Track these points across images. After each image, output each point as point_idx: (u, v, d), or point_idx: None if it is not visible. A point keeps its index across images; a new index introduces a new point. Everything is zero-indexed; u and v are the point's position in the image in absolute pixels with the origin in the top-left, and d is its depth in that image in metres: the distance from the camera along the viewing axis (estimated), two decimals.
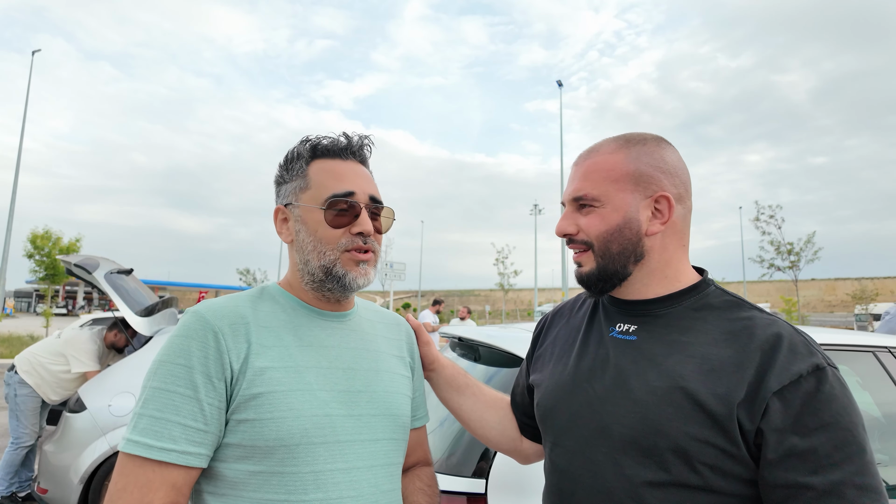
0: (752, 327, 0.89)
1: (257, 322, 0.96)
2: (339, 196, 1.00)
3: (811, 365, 0.82)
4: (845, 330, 2.33)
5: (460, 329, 2.53)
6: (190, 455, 0.86)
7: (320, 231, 1.00)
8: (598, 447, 0.93)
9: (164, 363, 0.89)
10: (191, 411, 0.87)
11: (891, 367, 1.98)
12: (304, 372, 0.95)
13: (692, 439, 0.84)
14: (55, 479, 3.74)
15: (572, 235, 1.01)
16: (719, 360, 0.87)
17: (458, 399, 1.25)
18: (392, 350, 1.14)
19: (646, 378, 0.91)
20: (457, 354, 2.33)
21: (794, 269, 27.19)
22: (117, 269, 4.33)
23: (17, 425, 4.21)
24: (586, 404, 0.97)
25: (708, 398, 0.84)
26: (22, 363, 4.27)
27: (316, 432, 0.92)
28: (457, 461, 1.64)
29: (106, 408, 3.78)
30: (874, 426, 2.07)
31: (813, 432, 0.79)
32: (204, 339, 0.90)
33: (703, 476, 0.84)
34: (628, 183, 0.97)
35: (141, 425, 0.86)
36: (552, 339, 1.17)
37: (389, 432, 1.03)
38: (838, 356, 2.04)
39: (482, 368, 2.06)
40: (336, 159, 1.05)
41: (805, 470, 0.79)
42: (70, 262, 4.19)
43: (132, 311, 4.06)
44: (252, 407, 0.89)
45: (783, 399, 0.81)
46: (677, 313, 0.96)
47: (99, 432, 3.71)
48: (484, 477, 1.57)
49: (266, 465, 0.89)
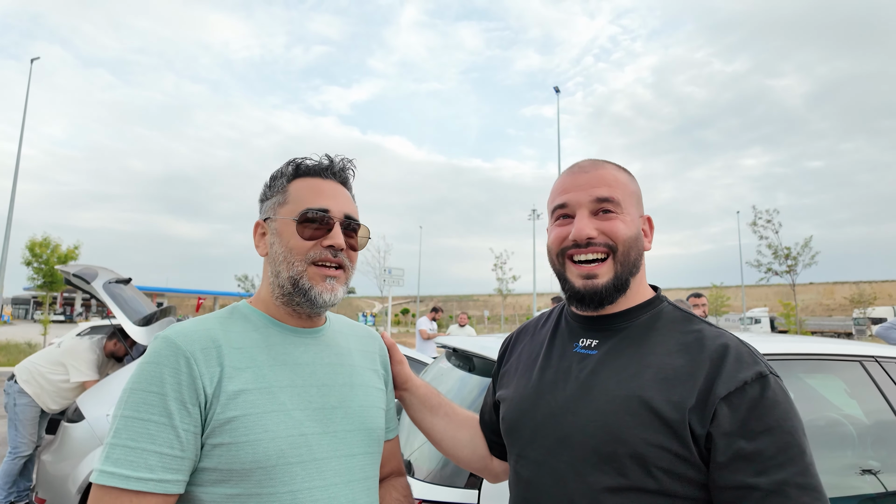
0: (702, 339, 0.95)
1: (229, 344, 0.96)
2: (313, 209, 1.02)
3: (755, 373, 0.88)
4: (832, 339, 2.36)
5: (455, 339, 2.55)
6: (168, 483, 0.86)
7: (292, 241, 1.02)
8: (561, 456, 0.96)
9: (136, 391, 0.88)
10: (167, 439, 0.86)
11: (877, 375, 2.01)
12: (277, 392, 0.95)
13: (649, 445, 0.88)
14: (53, 488, 3.74)
15: (593, 238, 1.01)
16: (673, 370, 0.92)
17: (430, 419, 1.26)
18: (366, 363, 1.16)
19: (606, 388, 0.95)
20: (452, 365, 2.36)
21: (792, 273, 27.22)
22: (115, 278, 4.35)
23: (15, 435, 4.22)
24: (549, 416, 1.00)
25: (663, 405, 0.89)
26: (21, 372, 4.28)
27: (292, 452, 0.92)
28: (450, 472, 1.66)
29: (104, 417, 3.79)
30: (863, 434, 2.10)
31: (758, 436, 0.84)
32: (176, 366, 0.89)
33: (658, 480, 0.88)
34: (634, 199, 1.06)
35: (115, 455, 0.84)
36: (517, 355, 1.21)
37: (365, 447, 1.05)
38: (826, 365, 2.07)
39: (477, 379, 2.08)
40: (317, 178, 1.07)
41: (751, 471, 0.83)
42: (69, 273, 4.20)
43: (130, 321, 4.07)
44: (227, 431, 0.89)
45: (730, 404, 0.86)
46: (636, 327, 1.02)
47: (97, 442, 3.72)
48: (476, 488, 1.60)
49: (243, 488, 0.89)
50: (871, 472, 1.93)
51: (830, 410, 2.33)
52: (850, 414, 2.20)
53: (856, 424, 2.13)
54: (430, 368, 2.66)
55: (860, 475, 1.95)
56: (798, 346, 2.06)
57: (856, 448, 2.09)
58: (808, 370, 2.13)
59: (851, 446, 2.10)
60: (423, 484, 1.64)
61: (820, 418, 2.26)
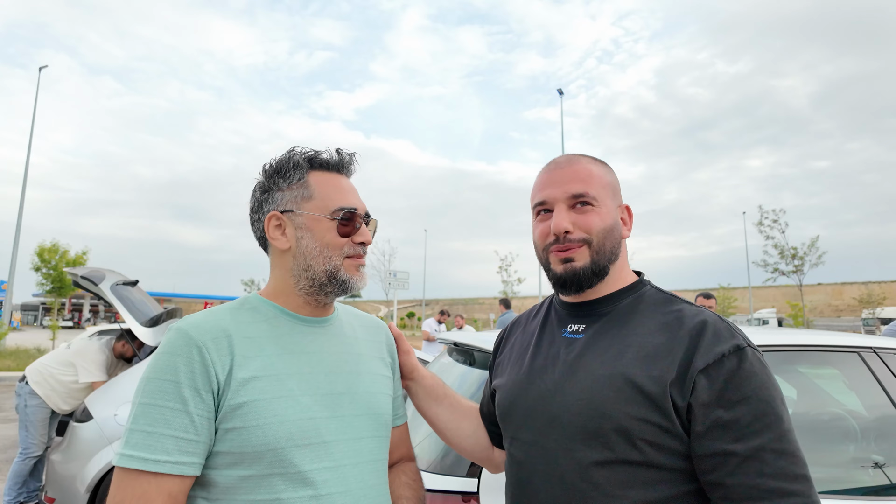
0: (682, 317, 0.99)
1: (239, 333, 1.00)
2: (346, 209, 1.08)
3: (732, 346, 0.92)
4: (830, 332, 2.37)
5: (456, 334, 2.59)
6: (184, 465, 0.90)
7: (329, 237, 1.07)
8: (551, 436, 1.01)
9: (152, 380, 0.93)
10: (182, 424, 0.91)
11: (875, 367, 2.02)
12: (286, 379, 0.99)
13: (632, 418, 0.92)
14: (62, 488, 3.79)
15: (570, 233, 1.05)
16: (654, 347, 0.96)
17: (435, 409, 1.30)
18: (373, 352, 1.19)
19: (590, 369, 1.00)
20: (453, 359, 2.39)
21: (799, 273, 27.06)
22: (123, 280, 4.41)
23: (26, 436, 4.28)
24: (539, 398, 1.05)
25: (644, 380, 0.93)
26: (33, 374, 4.34)
27: (300, 435, 0.96)
28: (451, 462, 1.69)
29: (112, 417, 3.84)
30: (864, 427, 2.11)
31: (735, 405, 0.88)
32: (189, 355, 0.94)
33: (643, 452, 0.92)
34: (610, 191, 1.10)
35: (134, 440, 0.89)
36: (510, 346, 1.25)
37: (372, 430, 1.08)
38: (824, 357, 2.08)
39: (478, 373, 2.11)
40: (333, 173, 1.12)
41: (729, 438, 0.87)
42: (77, 275, 4.27)
43: (138, 322, 4.13)
44: (238, 416, 0.94)
45: (708, 376, 0.90)
46: (619, 310, 1.07)
47: (105, 441, 3.77)
48: (476, 477, 1.62)
49: (256, 469, 0.94)
50: (878, 466, 1.94)
51: (831, 404, 2.34)
52: (851, 409, 2.21)
53: (857, 417, 2.14)
54: (432, 364, 2.69)
55: (865, 469, 1.96)
56: (795, 337, 2.07)
57: (858, 441, 2.10)
58: (806, 362, 2.14)
59: (854, 440, 2.11)
60: (424, 474, 1.67)
61: (823, 413, 2.27)
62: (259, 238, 1.14)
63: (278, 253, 1.10)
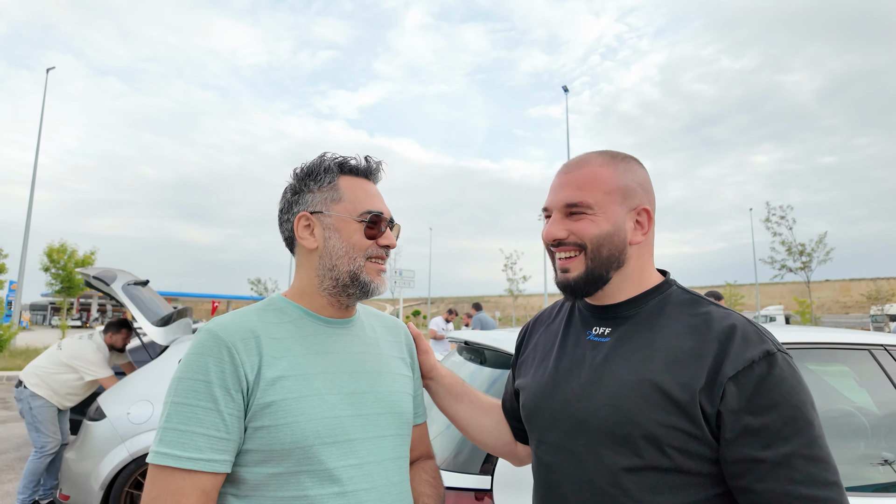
0: (709, 320, 0.97)
1: (266, 334, 1.03)
2: (373, 213, 1.11)
3: (762, 351, 0.90)
4: (840, 329, 2.36)
5: (467, 333, 2.61)
6: (216, 462, 0.93)
7: (355, 238, 1.10)
8: (578, 440, 1.01)
9: (184, 380, 0.95)
10: (213, 423, 0.93)
11: (887, 364, 2.02)
12: (312, 378, 1.02)
13: (661, 425, 0.91)
14: (76, 485, 3.84)
15: (562, 239, 1.06)
16: (682, 352, 0.95)
17: (456, 406, 1.31)
18: (393, 352, 1.22)
19: (618, 374, 0.99)
20: (463, 358, 2.40)
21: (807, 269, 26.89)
22: (134, 280, 4.46)
23: (38, 436, 4.32)
24: (565, 402, 1.04)
25: (673, 387, 0.92)
26: (29, 377, 4.37)
27: (327, 433, 0.99)
28: (464, 459, 1.71)
29: (125, 416, 3.88)
30: (874, 424, 2.11)
31: (764, 411, 0.87)
32: (219, 356, 0.96)
33: (672, 459, 0.91)
34: (618, 195, 1.05)
35: (167, 438, 0.92)
36: (533, 345, 1.25)
37: (395, 428, 1.11)
38: (834, 354, 2.08)
39: (488, 371, 2.12)
40: (362, 178, 1.16)
41: (758, 445, 0.87)
42: (89, 275, 4.31)
43: (149, 322, 4.18)
44: (267, 414, 0.96)
45: (738, 383, 0.89)
46: (645, 312, 1.05)
47: (118, 440, 3.82)
48: (489, 474, 1.64)
49: (284, 467, 0.96)
50: (888, 463, 1.94)
51: (842, 401, 2.34)
52: (861, 406, 2.21)
53: (867, 415, 2.14)
54: (441, 363, 2.70)
55: (875, 465, 1.96)
56: (805, 335, 2.07)
57: (869, 438, 2.10)
58: (816, 359, 2.14)
59: (865, 437, 2.11)
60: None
61: (832, 409, 2.27)
62: (287, 238, 1.16)
63: (305, 252, 1.13)
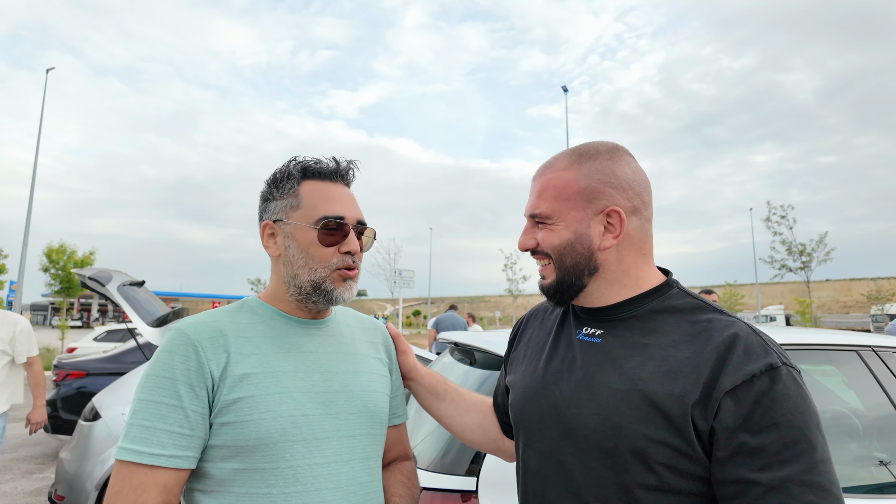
0: (710, 329, 0.90)
1: (236, 333, 1.04)
2: (331, 218, 1.07)
3: (765, 364, 0.83)
4: (829, 330, 2.37)
5: (457, 334, 2.61)
6: (178, 458, 0.94)
7: (312, 249, 1.07)
8: (566, 449, 0.97)
9: (151, 377, 0.97)
10: (176, 419, 0.95)
11: (874, 365, 2.03)
12: (281, 376, 1.02)
13: (649, 441, 0.86)
14: (71, 486, 3.84)
15: (533, 248, 1.05)
16: (677, 362, 0.88)
17: (438, 405, 1.31)
18: (370, 352, 1.21)
19: (608, 381, 0.94)
20: (454, 359, 2.41)
21: (807, 269, 26.86)
22: (129, 281, 4.46)
23: None
24: (553, 406, 1.00)
25: (664, 399, 0.86)
26: None
27: (293, 431, 0.99)
28: (450, 461, 1.71)
29: (120, 416, 3.89)
30: (863, 425, 2.11)
31: (763, 430, 0.80)
32: (185, 353, 0.98)
33: (660, 476, 0.86)
34: (579, 200, 0.99)
35: (132, 434, 0.94)
36: (526, 341, 1.22)
37: (367, 428, 1.11)
38: (822, 356, 2.09)
39: (478, 372, 2.13)
40: (326, 181, 1.12)
41: (753, 466, 0.80)
42: (84, 275, 4.32)
43: (144, 322, 4.18)
44: (233, 411, 0.97)
45: (735, 398, 0.82)
46: (640, 316, 0.98)
47: (113, 440, 3.82)
48: (475, 475, 1.65)
49: (249, 463, 0.97)
50: (882, 464, 1.95)
51: (835, 402, 2.35)
52: (854, 408, 2.21)
53: (860, 416, 2.15)
54: (433, 364, 2.71)
55: (868, 467, 1.96)
56: (794, 336, 2.08)
57: (861, 440, 2.11)
58: (804, 361, 2.14)
59: (857, 438, 2.12)
60: (425, 473, 1.69)
61: (826, 411, 2.27)
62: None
63: (273, 259, 1.15)
